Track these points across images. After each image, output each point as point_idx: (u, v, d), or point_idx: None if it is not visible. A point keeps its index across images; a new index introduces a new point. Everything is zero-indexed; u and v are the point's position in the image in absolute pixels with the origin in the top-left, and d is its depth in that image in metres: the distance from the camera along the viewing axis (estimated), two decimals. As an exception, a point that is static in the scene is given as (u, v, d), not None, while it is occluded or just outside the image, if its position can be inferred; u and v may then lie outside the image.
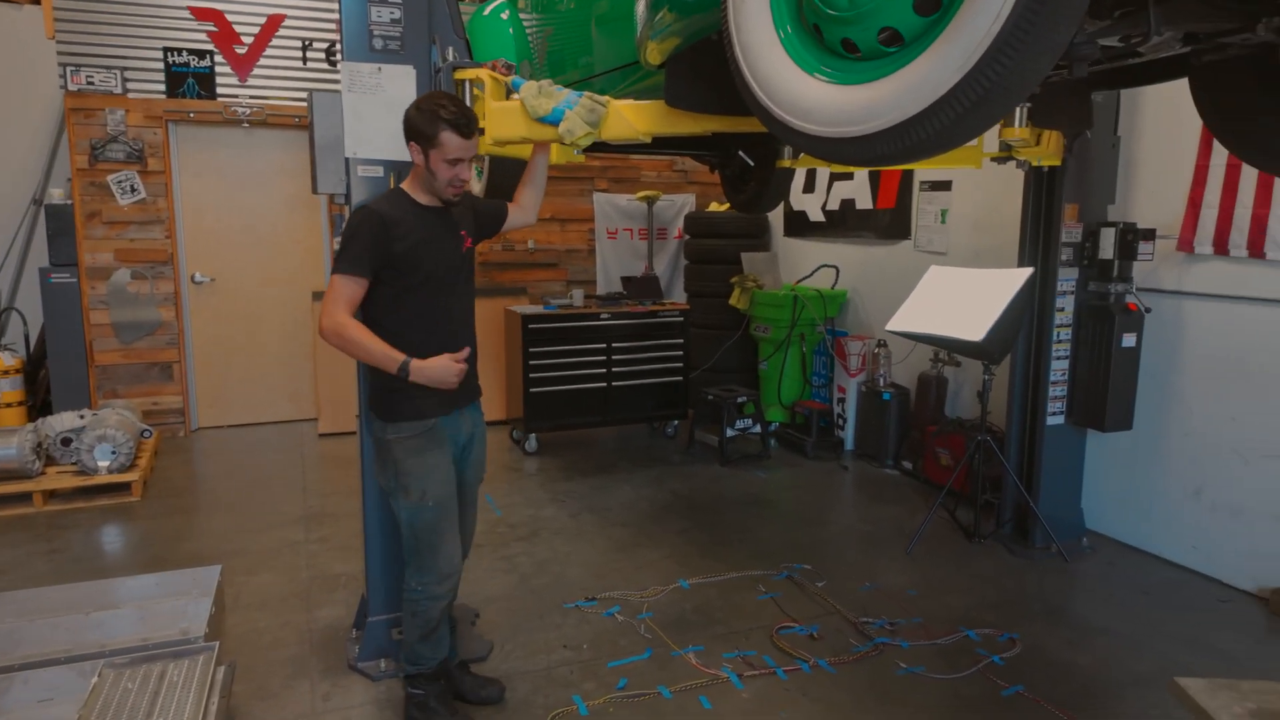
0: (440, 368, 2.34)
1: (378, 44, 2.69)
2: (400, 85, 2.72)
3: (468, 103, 2.84)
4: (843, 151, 1.60)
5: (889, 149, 1.52)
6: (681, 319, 5.89)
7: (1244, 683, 1.23)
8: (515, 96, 2.68)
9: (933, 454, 4.91)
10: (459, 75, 2.77)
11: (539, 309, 5.67)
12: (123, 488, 4.70)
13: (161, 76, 5.74)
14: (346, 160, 2.73)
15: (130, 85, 5.67)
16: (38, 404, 5.65)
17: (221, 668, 2.55)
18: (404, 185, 2.46)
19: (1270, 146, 2.20)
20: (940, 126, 1.44)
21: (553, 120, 2.61)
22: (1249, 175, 3.46)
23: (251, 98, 5.96)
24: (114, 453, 4.65)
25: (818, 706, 2.75)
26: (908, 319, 4.02)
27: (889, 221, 5.64)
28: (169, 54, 5.74)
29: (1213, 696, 1.21)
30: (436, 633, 2.58)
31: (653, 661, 3.02)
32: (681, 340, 5.89)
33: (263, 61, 5.95)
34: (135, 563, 3.88)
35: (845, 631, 3.25)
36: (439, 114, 2.27)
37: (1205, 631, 3.25)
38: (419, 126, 2.30)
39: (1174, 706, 2.73)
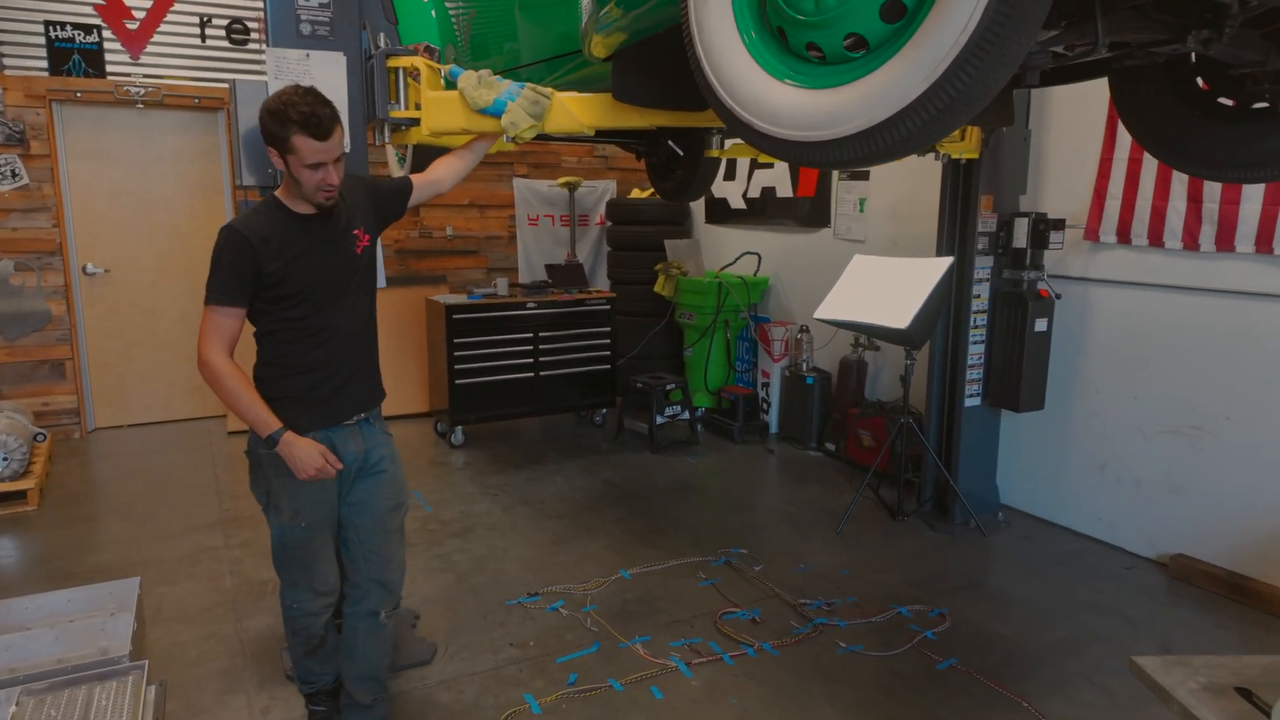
0: (304, 457, 2.14)
1: (305, 29, 2.56)
2: (330, 73, 2.60)
3: (401, 91, 2.74)
4: (808, 155, 1.61)
5: (854, 154, 1.55)
6: (608, 307, 5.87)
7: (1195, 658, 1.32)
8: (453, 86, 2.60)
9: (854, 435, 5.07)
10: (392, 63, 2.66)
11: (463, 298, 5.56)
12: (17, 496, 4.38)
13: (43, 52, 5.32)
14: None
15: (7, 61, 5.23)
16: (-89, 408, 5.18)
17: (152, 687, 2.43)
18: (278, 193, 2.23)
19: (1181, 145, 2.35)
20: (906, 133, 1.47)
21: (494, 112, 2.55)
22: (1149, 168, 3.69)
23: (146, 77, 5.59)
24: (4, 459, 4.32)
25: (765, 690, 2.82)
26: (835, 307, 4.12)
27: (809, 210, 5.76)
28: (51, 28, 5.32)
29: (1168, 673, 1.30)
30: (323, 648, 2.45)
31: (601, 655, 3.03)
32: (608, 328, 5.88)
33: (157, 38, 5.59)
34: (38, 578, 3.62)
35: (785, 614, 3.33)
36: (288, 114, 2.04)
37: (1113, 598, 3.48)
38: (271, 129, 2.07)
39: (1092, 673, 2.93)
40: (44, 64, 5.33)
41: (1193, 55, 2.21)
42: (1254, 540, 3.47)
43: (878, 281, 4.08)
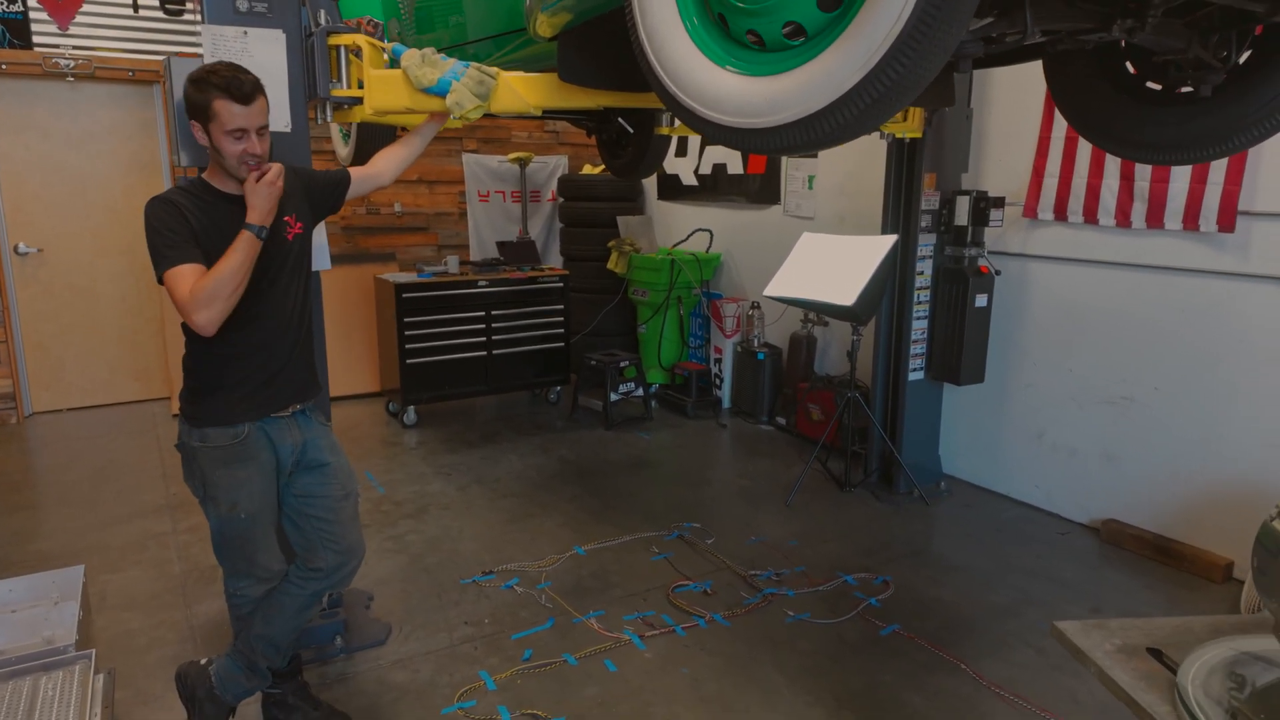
0: (260, 200, 2.04)
1: (243, 6, 2.49)
2: (269, 51, 2.54)
3: (343, 69, 2.69)
4: (749, 141, 1.64)
5: (794, 141, 1.58)
6: (561, 284, 5.87)
7: (1111, 621, 1.40)
8: (396, 65, 2.56)
9: (804, 409, 5.17)
10: (333, 40, 2.61)
11: (413, 277, 5.50)
12: (-49, 486, 4.26)
13: (-37, 21, 5.08)
14: (212, 130, 2.53)
15: (-75, 30, 4.99)
16: None
17: (100, 676, 2.40)
18: (204, 174, 2.17)
19: (1111, 128, 2.43)
20: (843, 121, 1.51)
21: (439, 91, 2.52)
22: (1085, 147, 3.79)
23: (76, 49, 5.38)
24: (-62, 448, 4.19)
25: (716, 659, 2.90)
26: (783, 285, 4.18)
27: (759, 187, 5.80)
28: (-29, -4, 5.08)
29: (1086, 636, 1.38)
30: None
31: (555, 630, 3.07)
32: (562, 306, 5.88)
33: (87, 8, 5.37)
34: (-23, 568, 3.54)
35: (736, 585, 3.41)
36: (209, 80, 2.01)
37: (1048, 562, 3.64)
38: (192, 99, 2.02)
39: (1028, 634, 3.06)
40: (-35, 34, 5.10)
41: (1121, 41, 2.28)
42: (1180, 505, 3.64)
43: (825, 259, 4.15)
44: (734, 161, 5.98)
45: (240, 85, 2.01)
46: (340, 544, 2.38)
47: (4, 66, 5.21)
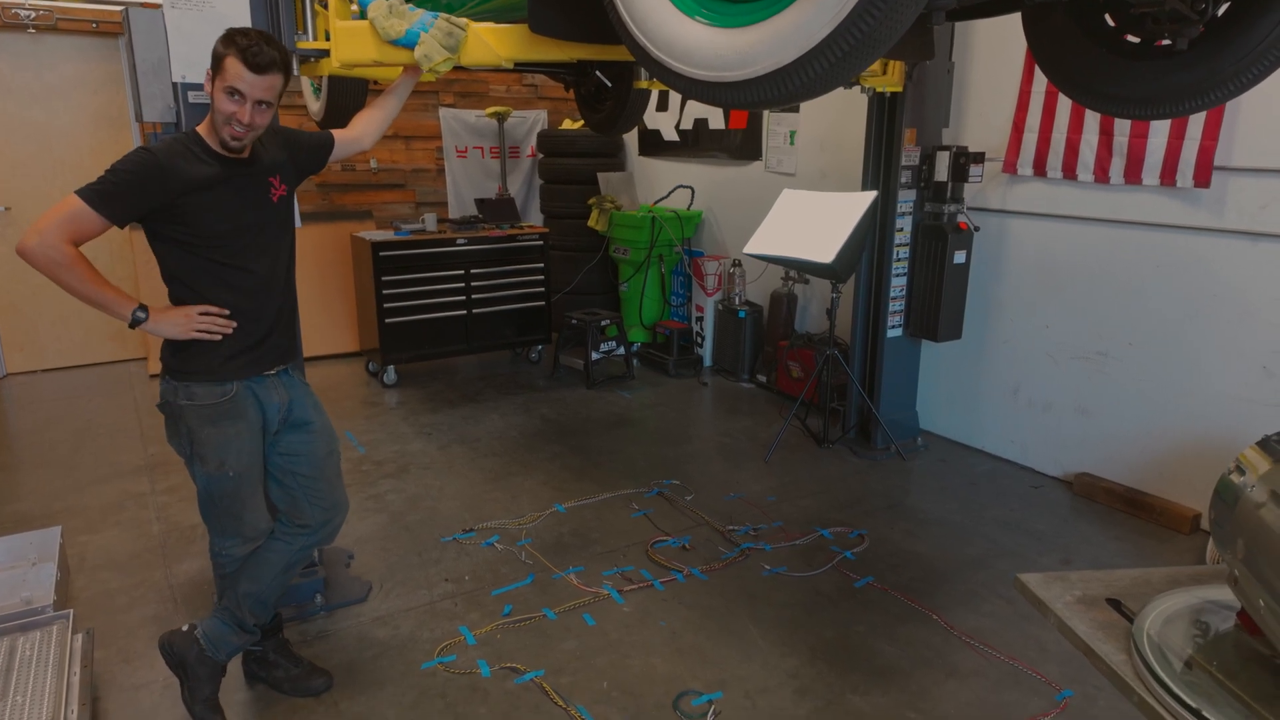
0: (178, 321, 2.10)
1: (202, -47, 2.41)
2: (231, 1, 2.47)
3: (309, 20, 2.63)
4: (721, 95, 1.62)
5: (766, 95, 1.56)
6: (541, 242, 5.82)
7: (1072, 574, 1.43)
8: (364, 16, 2.49)
9: (785, 367, 5.19)
10: (298, -10, 2.54)
11: (390, 235, 5.44)
12: (-75, 448, 4.22)
13: (-84, -31, 4.90)
14: (175, 85, 2.47)
15: (-124, -21, 4.82)
16: None
17: (79, 636, 2.42)
18: (200, 128, 2.14)
19: (1088, 81, 2.41)
20: (816, 74, 1.49)
21: (406, 43, 2.46)
22: (1064, 102, 3.77)
23: (38, 0, 5.21)
24: (-91, 410, 4.14)
25: (694, 612, 2.94)
26: (763, 242, 4.16)
27: (740, 142, 5.74)
28: (-77, -58, 4.89)
29: (1047, 588, 1.41)
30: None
31: (535, 586, 3.11)
32: (542, 264, 5.84)
33: (45, -45, 5.19)
34: (-47, 531, 3.53)
35: (714, 540, 3.45)
36: (234, 38, 2.02)
37: (1022, 515, 3.70)
38: (215, 50, 2.05)
39: (998, 585, 3.13)
40: (-82, -17, 4.92)
41: (1099, -8, 2.25)
42: (1151, 458, 3.70)
43: (805, 216, 4.13)
44: (715, 117, 5.90)
45: (258, 53, 2.01)
46: (326, 500, 2.40)
47: (-39, 17, 5.05)
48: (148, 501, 3.82)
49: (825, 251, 3.83)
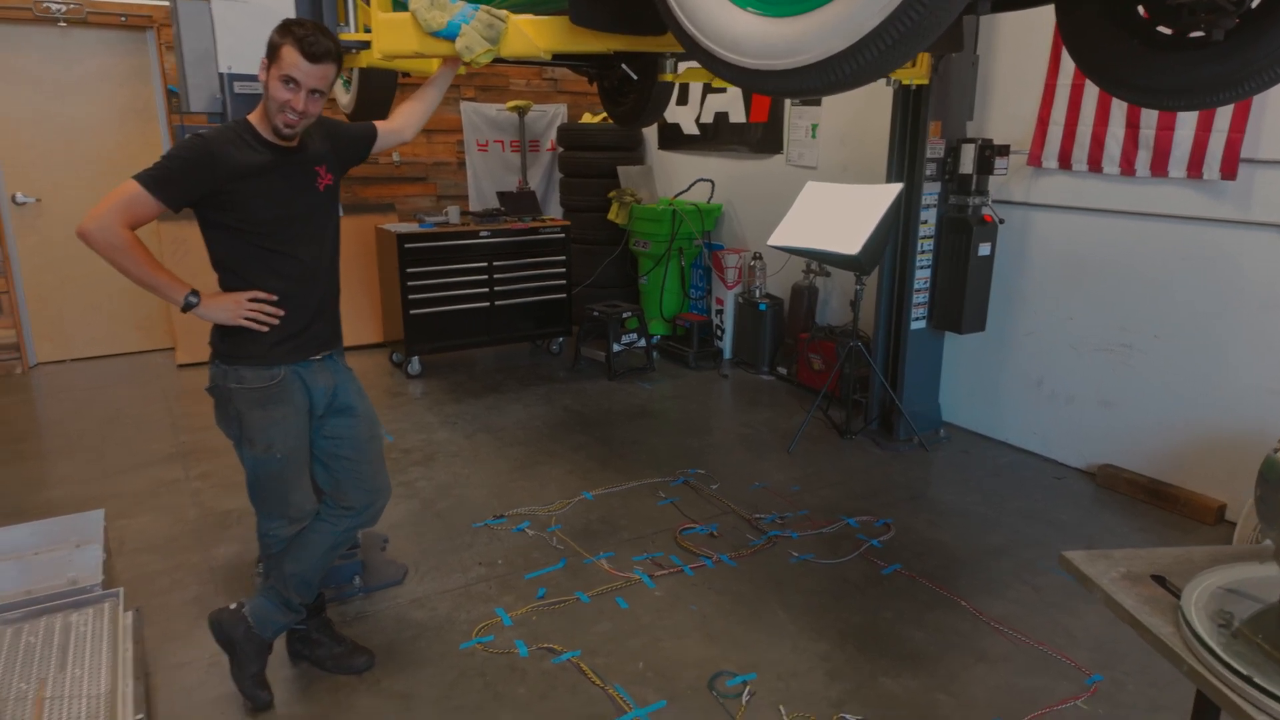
0: (227, 306, 2.17)
1: (249, -54, 2.46)
2: (276, -7, 2.52)
3: (350, 12, 2.68)
4: (768, 84, 1.66)
5: (814, 83, 1.60)
6: (563, 235, 5.86)
7: (1116, 552, 1.47)
8: (405, 8, 2.54)
9: (805, 359, 5.22)
10: (341, -17, 2.59)
11: (414, 227, 5.49)
12: (-38, 435, 4.30)
13: (-49, -36, 4.98)
14: (221, 76, 2.53)
15: (-88, -27, 4.89)
16: None
17: (129, 614, 2.47)
18: (251, 116, 2.22)
19: (1121, 72, 2.44)
20: (864, 63, 1.52)
21: (448, 35, 2.50)
22: (1091, 95, 3.79)
23: (67, -8, 5.28)
24: (-53, 397, 4.22)
25: (724, 598, 2.98)
26: (788, 234, 4.19)
27: (761, 135, 5.77)
28: (-43, -63, 4.96)
29: (1093, 565, 1.45)
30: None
31: (567, 570, 3.16)
32: (564, 257, 5.88)
33: (76, -50, 5.25)
34: (-6, 514, 3.60)
35: (741, 528, 3.50)
36: (291, 28, 2.10)
37: (1044, 506, 3.73)
38: (271, 39, 2.11)
39: (1023, 573, 3.16)
40: (-47, -23, 4.99)
41: (1135, -17, 2.28)
42: (1175, 450, 3.72)
43: (829, 208, 4.16)
44: (736, 110, 5.93)
45: (314, 43, 2.06)
46: (369, 483, 2.46)
47: (-6, 11, 5.12)
48: (182, 488, 3.88)
49: (851, 243, 3.86)
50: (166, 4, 5.45)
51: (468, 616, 2.86)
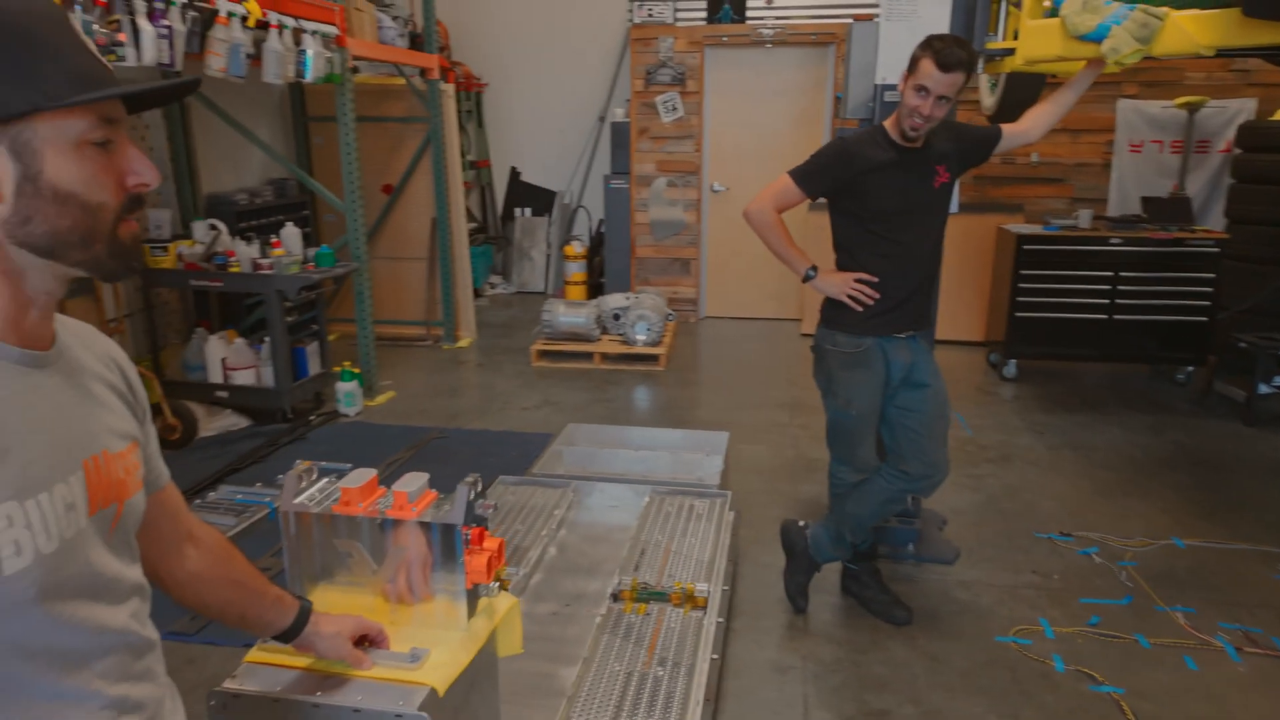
0: (836, 283, 2.59)
1: (918, -30, 2.81)
2: (934, 10, 2.82)
3: (1001, 21, 2.84)
4: None
5: None
6: (1216, 250, 5.08)
7: None
8: (1055, 13, 2.60)
9: None
10: (997, -5, 2.77)
11: (1037, 229, 5.38)
12: (651, 359, 5.78)
13: (703, 5, 6.52)
14: (876, 86, 2.95)
15: (680, 15, 6.57)
16: (594, 284, 7.11)
17: (731, 513, 3.15)
18: (885, 123, 2.56)
19: None
20: None
21: (1095, 38, 2.50)
22: None
23: (776, 19, 6.46)
24: (648, 329, 5.72)
25: (1338, 706, 2.43)
26: None
27: None
28: (711, -17, 6.47)
29: None
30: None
31: (1131, 609, 2.92)
32: (1211, 275, 5.11)
33: (787, -19, 6.39)
34: (661, 419, 4.82)
35: (1395, 638, 2.74)
36: (930, 41, 2.34)
37: None
38: (914, 51, 2.39)
39: None
40: (703, 15, 6.55)
41: None
42: None
43: None
44: None
45: (948, 55, 2.32)
46: (928, 457, 2.68)
47: (725, 39, 6.56)
48: (786, 431, 4.62)
49: None
50: (849, 22, 6.26)
51: (1009, 614, 2.89)
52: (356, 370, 4.87)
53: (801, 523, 2.95)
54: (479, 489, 1.38)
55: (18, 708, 0.77)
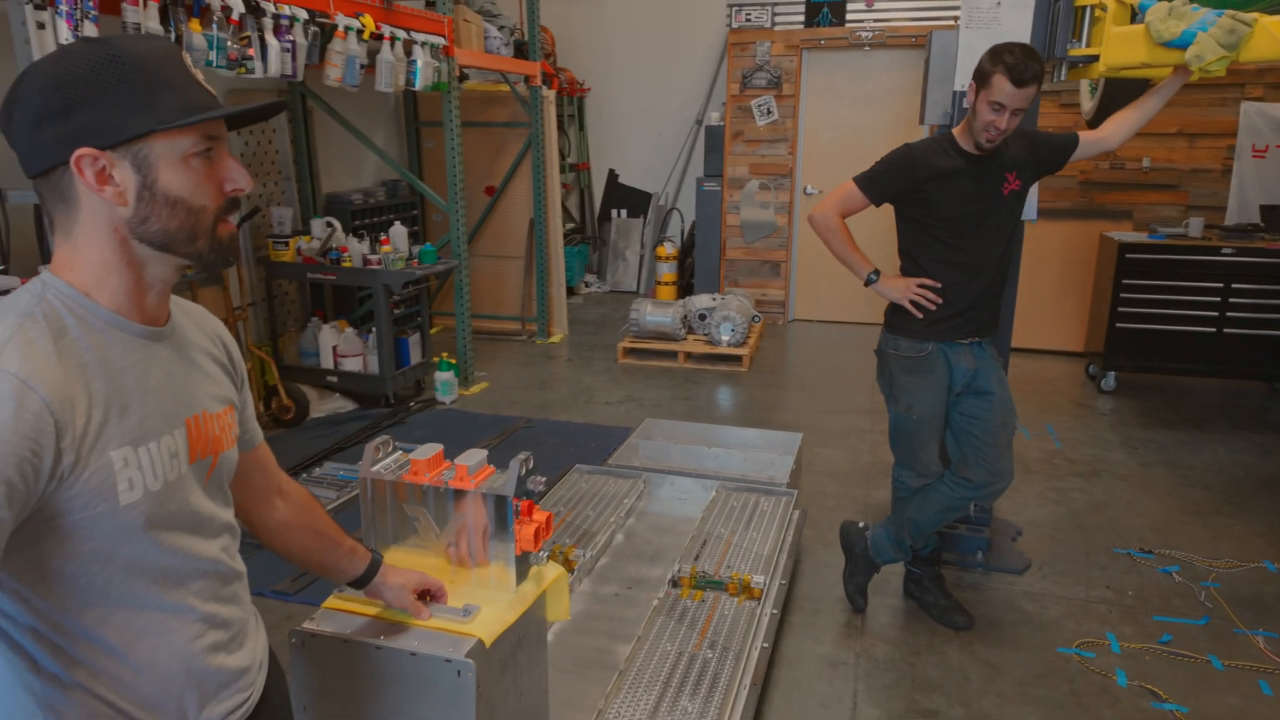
0: (898, 289, 2.62)
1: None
2: (1016, 18, 2.81)
3: (1086, 27, 2.80)
4: None
5: None
6: (1342, 262, 4.77)
7: None
8: (1141, 20, 2.56)
9: None
10: (1080, 1, 2.74)
11: (1142, 237, 5.18)
12: (735, 359, 5.86)
13: (801, 9, 6.55)
14: (954, 93, 2.96)
15: (777, 19, 6.61)
16: (684, 285, 7.24)
17: (797, 511, 3.22)
18: (955, 130, 2.58)
19: None
20: None
21: (1180, 44, 2.45)
22: None
23: (876, 21, 6.43)
24: (733, 330, 5.80)
25: None
26: None
27: None
28: (807, -12, 6.50)
29: None
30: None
31: (1208, 630, 2.83)
32: (1336, 288, 4.80)
33: (887, -16, 6.34)
34: (739, 419, 4.91)
35: None
36: (1001, 56, 2.32)
37: None
38: (981, 64, 2.39)
39: None
40: (801, 19, 6.57)
41: None
42: None
43: None
44: None
45: (1023, 70, 2.32)
46: (991, 465, 2.69)
47: (823, 42, 6.57)
48: (864, 436, 4.63)
49: None
50: (951, 24, 6.16)
51: (1075, 627, 2.85)
52: (454, 361, 5.17)
53: (862, 524, 3.00)
54: (530, 466, 1.54)
55: (130, 614, 0.96)
